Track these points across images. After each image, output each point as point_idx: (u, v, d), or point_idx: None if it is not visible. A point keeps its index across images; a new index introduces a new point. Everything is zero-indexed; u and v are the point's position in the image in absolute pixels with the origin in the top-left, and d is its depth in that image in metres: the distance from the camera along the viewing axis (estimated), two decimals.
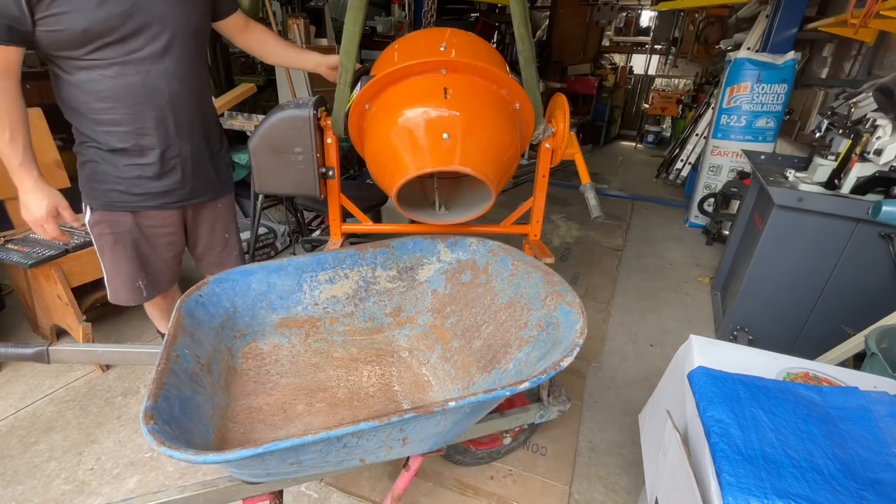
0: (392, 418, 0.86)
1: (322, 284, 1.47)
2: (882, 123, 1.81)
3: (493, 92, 1.37)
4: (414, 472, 1.20)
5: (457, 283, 1.55)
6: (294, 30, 3.63)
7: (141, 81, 1.29)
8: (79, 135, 1.36)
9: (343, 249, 1.50)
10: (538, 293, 1.33)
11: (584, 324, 1.11)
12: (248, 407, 1.27)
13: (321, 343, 1.48)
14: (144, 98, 1.31)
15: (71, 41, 1.18)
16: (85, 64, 1.23)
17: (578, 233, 3.93)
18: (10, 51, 1.15)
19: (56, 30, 1.15)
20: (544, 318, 1.26)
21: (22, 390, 1.96)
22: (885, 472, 0.85)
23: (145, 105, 1.32)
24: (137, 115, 1.32)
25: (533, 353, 1.24)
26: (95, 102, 1.28)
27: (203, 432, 1.03)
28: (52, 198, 1.29)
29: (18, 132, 1.21)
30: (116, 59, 1.24)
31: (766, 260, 2.12)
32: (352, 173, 3.84)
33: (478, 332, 1.44)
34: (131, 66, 1.26)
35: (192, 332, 1.18)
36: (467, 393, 1.29)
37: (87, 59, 1.22)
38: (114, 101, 1.28)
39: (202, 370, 1.15)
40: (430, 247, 1.57)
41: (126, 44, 1.24)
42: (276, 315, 1.43)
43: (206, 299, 1.28)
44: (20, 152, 1.22)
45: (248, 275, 1.37)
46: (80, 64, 1.23)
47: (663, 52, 8.54)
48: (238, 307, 1.36)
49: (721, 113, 3.74)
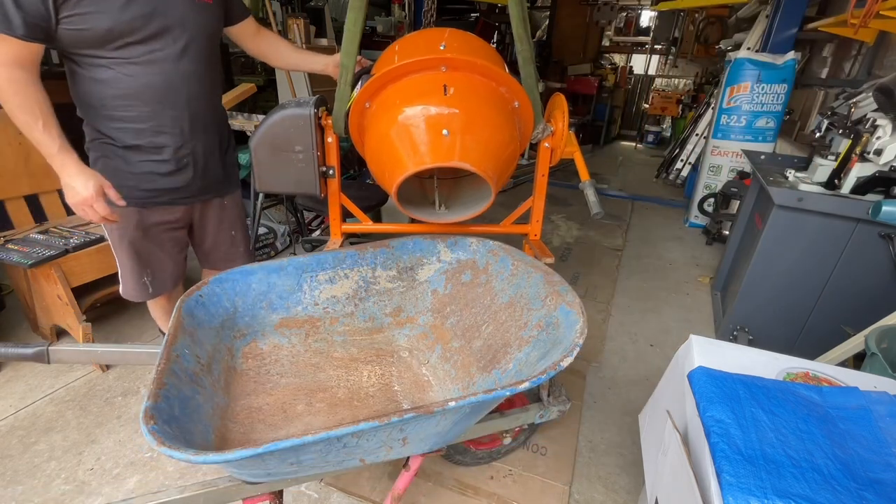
0: (392, 418, 0.85)
1: (322, 284, 1.47)
2: (882, 123, 1.81)
3: (493, 90, 1.38)
4: (414, 472, 1.20)
5: (457, 283, 1.55)
6: (294, 30, 3.63)
7: (161, 81, 1.32)
8: (91, 131, 1.38)
9: (343, 249, 1.50)
10: (538, 293, 1.33)
11: (584, 324, 1.11)
12: (248, 407, 1.27)
13: (321, 343, 1.48)
14: (163, 97, 1.34)
15: (94, 40, 1.20)
16: (105, 62, 1.25)
17: (578, 233, 3.93)
18: (32, 47, 1.16)
19: (80, 28, 1.17)
20: (544, 318, 1.26)
21: (22, 390, 1.96)
22: (885, 472, 0.85)
23: (163, 104, 1.34)
24: (155, 113, 1.35)
25: (533, 353, 1.24)
26: (113, 100, 1.30)
27: (203, 432, 1.03)
28: (96, 178, 1.28)
29: (51, 119, 1.21)
30: (137, 59, 1.27)
31: (766, 260, 2.12)
32: (352, 173, 3.84)
33: (478, 332, 1.44)
34: (152, 65, 1.29)
35: (192, 332, 1.18)
36: (467, 393, 1.29)
37: (107, 58, 1.25)
38: (133, 99, 1.31)
39: (202, 370, 1.15)
40: (431, 247, 1.57)
41: (147, 44, 1.27)
42: (276, 315, 1.43)
43: (206, 299, 1.28)
44: (56, 138, 1.22)
45: (248, 275, 1.37)
46: (100, 62, 1.25)
47: (663, 52, 8.55)
48: (238, 307, 1.36)
49: (721, 113, 3.74)
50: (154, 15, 1.24)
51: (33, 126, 1.19)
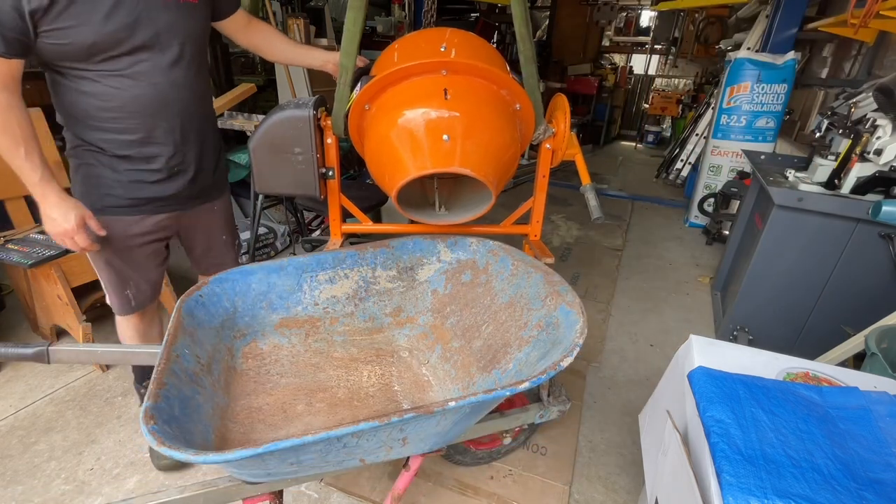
0: (392, 418, 0.85)
1: (322, 284, 1.47)
2: (882, 123, 1.81)
3: (494, 93, 1.37)
4: (414, 472, 1.20)
5: (457, 283, 1.55)
6: (294, 30, 3.63)
7: (151, 93, 1.26)
8: (73, 138, 1.32)
9: (343, 249, 1.50)
10: (538, 293, 1.33)
11: (584, 324, 1.11)
12: (248, 407, 1.26)
13: (321, 343, 1.48)
14: (154, 108, 1.28)
15: (77, 54, 1.15)
16: (91, 75, 1.20)
17: (578, 233, 3.93)
18: (11, 63, 1.11)
19: (61, 43, 1.12)
20: (544, 318, 1.26)
21: (22, 390, 1.96)
22: (885, 472, 0.85)
23: (154, 116, 1.29)
24: (146, 124, 1.29)
25: (533, 353, 1.24)
26: (100, 111, 1.24)
27: (203, 432, 1.03)
28: (78, 209, 1.24)
29: (32, 146, 1.16)
30: (125, 71, 1.21)
31: (766, 260, 2.12)
32: (352, 173, 3.84)
33: (478, 332, 1.44)
34: (141, 77, 1.24)
35: (192, 332, 1.17)
36: (467, 393, 1.29)
37: (93, 70, 1.19)
38: (121, 111, 1.25)
39: (202, 370, 1.14)
40: (430, 247, 1.57)
41: (134, 55, 1.21)
42: (276, 315, 1.42)
43: (206, 299, 1.27)
44: (38, 167, 1.17)
45: (248, 275, 1.37)
46: (85, 74, 1.19)
47: (663, 52, 8.55)
48: (238, 307, 1.36)
49: (721, 113, 3.74)
50: (139, 24, 1.18)
51: (14, 153, 1.14)
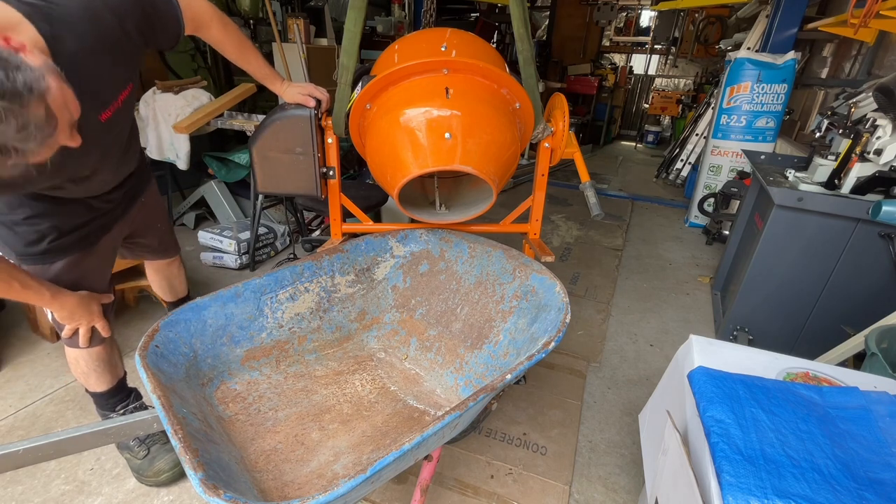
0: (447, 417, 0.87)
1: (284, 304, 1.39)
2: (882, 123, 1.81)
3: (494, 91, 1.38)
4: (436, 462, 1.20)
5: (415, 276, 1.54)
6: (294, 30, 3.63)
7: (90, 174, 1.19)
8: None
9: (299, 262, 1.45)
10: (504, 268, 1.37)
11: (561, 285, 1.20)
12: (262, 451, 1.17)
13: (296, 366, 1.39)
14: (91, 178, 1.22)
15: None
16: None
17: (578, 233, 3.93)
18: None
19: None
20: (520, 289, 1.30)
21: (22, 390, 1.96)
22: (885, 472, 0.85)
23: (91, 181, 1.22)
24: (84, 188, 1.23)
25: (520, 320, 1.27)
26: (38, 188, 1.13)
27: (246, 490, 0.95)
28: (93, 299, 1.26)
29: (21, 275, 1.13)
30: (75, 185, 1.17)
31: (765, 260, 2.12)
32: (352, 173, 3.84)
33: (454, 316, 1.45)
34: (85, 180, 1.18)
35: (173, 388, 1.04)
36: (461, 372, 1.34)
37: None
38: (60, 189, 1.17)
39: (205, 426, 1.04)
40: (382, 244, 1.57)
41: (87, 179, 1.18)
42: (239, 349, 1.30)
43: (162, 349, 1.12)
44: (41, 287, 1.16)
45: (200, 310, 1.23)
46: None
47: (663, 52, 8.55)
48: (197, 350, 1.21)
49: (721, 113, 3.74)
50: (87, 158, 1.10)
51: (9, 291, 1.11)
